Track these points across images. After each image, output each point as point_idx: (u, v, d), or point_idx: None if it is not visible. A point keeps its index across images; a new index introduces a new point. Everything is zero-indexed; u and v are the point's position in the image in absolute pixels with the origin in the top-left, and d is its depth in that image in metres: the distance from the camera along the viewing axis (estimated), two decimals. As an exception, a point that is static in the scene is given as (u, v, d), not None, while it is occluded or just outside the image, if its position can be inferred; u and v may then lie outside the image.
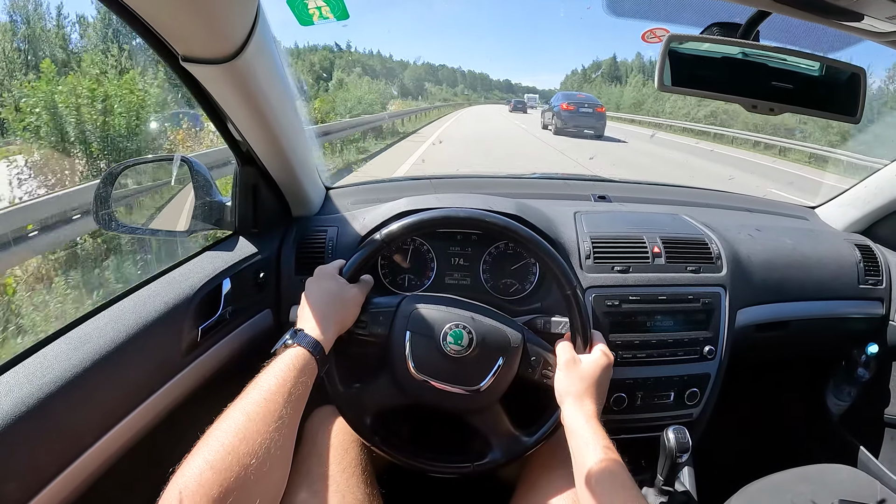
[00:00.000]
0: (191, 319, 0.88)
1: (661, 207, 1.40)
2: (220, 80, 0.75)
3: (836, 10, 0.63)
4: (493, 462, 0.89)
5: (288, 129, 0.93)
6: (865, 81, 0.80)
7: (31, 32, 17.83)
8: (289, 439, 0.67)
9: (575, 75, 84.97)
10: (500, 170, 7.40)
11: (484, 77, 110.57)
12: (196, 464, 0.57)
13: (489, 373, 0.85)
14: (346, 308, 0.85)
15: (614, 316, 1.06)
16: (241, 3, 0.64)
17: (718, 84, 0.80)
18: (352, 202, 1.26)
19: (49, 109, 5.16)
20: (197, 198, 1.02)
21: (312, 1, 0.73)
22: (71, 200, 3.96)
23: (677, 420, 1.08)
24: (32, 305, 3.32)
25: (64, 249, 3.90)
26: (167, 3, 0.59)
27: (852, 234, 1.44)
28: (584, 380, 0.85)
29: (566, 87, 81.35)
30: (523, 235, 0.89)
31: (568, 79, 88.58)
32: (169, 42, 0.68)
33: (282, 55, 0.83)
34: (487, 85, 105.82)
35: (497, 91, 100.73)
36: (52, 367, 0.68)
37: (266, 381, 0.68)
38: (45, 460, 0.65)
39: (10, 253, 3.43)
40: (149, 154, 5.23)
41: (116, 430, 0.74)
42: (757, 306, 1.20)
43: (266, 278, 1.07)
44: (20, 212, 3.69)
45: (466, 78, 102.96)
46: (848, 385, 1.42)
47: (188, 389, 0.88)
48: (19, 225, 3.56)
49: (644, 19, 0.89)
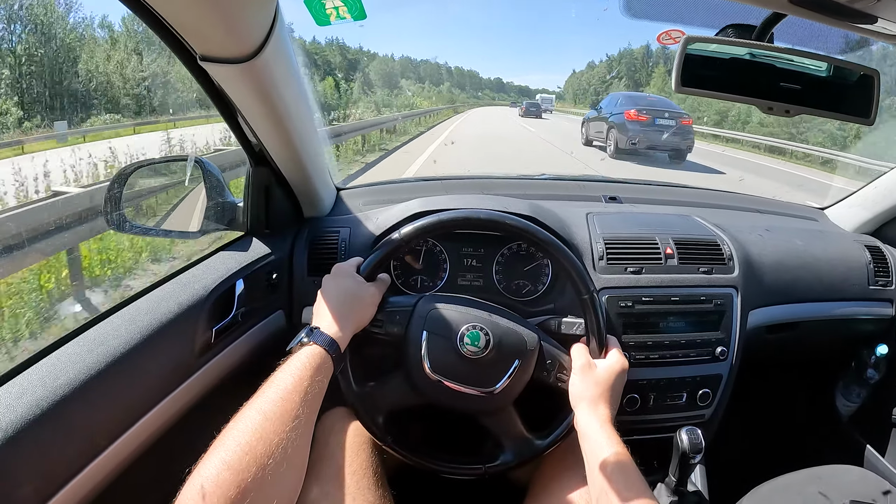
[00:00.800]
0: (205, 320, 0.88)
1: (672, 208, 1.40)
2: (238, 80, 0.74)
3: (850, 12, 0.63)
4: (505, 464, 0.89)
5: (302, 130, 0.93)
6: (879, 83, 0.80)
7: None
8: (305, 439, 0.66)
9: (576, 76, 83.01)
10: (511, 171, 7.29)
11: (473, 75, 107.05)
12: (213, 464, 0.57)
13: (505, 375, 0.85)
14: (363, 306, 0.85)
15: (627, 317, 1.06)
16: (261, 3, 0.64)
17: (735, 86, 0.80)
18: (363, 203, 1.26)
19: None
20: (209, 198, 1.02)
21: (330, 1, 0.72)
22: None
23: (690, 421, 1.08)
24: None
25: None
26: (188, 2, 0.59)
27: (862, 236, 1.43)
28: (600, 384, 0.85)
29: (571, 87, 79.58)
30: (541, 237, 0.89)
31: (570, 80, 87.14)
32: (188, 41, 0.68)
33: (298, 55, 0.83)
34: (477, 84, 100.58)
35: (488, 90, 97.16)
36: (67, 369, 0.67)
37: (282, 380, 0.67)
38: (60, 463, 0.64)
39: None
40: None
41: (131, 431, 0.74)
42: (768, 307, 1.20)
43: (279, 279, 1.07)
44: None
45: (453, 75, 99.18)
46: (857, 386, 1.42)
47: (202, 391, 0.88)
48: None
49: (659, 20, 0.88)
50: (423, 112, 21.15)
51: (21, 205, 3.60)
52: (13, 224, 2.80)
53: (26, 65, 12.77)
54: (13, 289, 3.00)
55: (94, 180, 5.46)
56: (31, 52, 13.24)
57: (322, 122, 7.86)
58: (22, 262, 2.91)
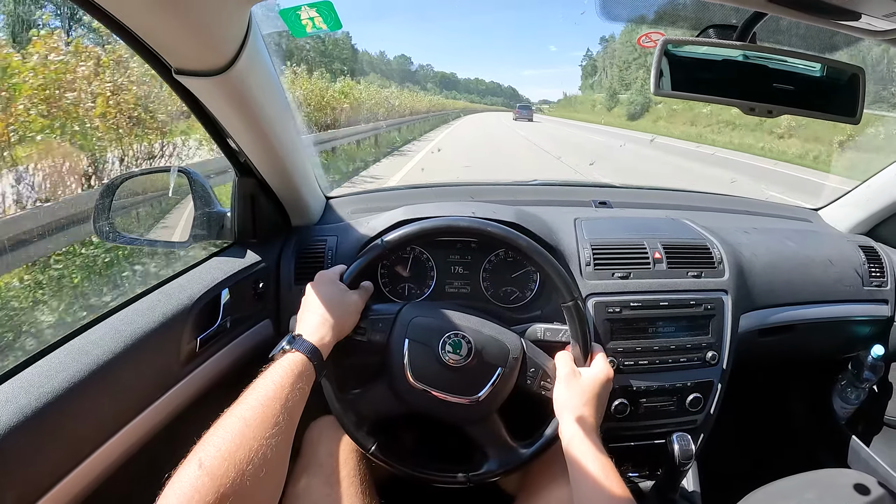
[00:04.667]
0: (189, 330, 0.88)
1: (662, 212, 1.39)
2: (214, 93, 0.75)
3: (832, 9, 0.62)
4: (490, 473, 0.88)
5: (284, 140, 0.93)
6: (865, 82, 0.79)
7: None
8: (285, 445, 0.66)
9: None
10: (501, 177, 7.33)
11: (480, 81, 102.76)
12: (192, 469, 0.57)
13: (488, 383, 0.85)
14: (345, 314, 0.85)
15: (615, 323, 1.05)
16: (232, 16, 0.64)
17: (715, 87, 0.79)
18: (351, 211, 1.26)
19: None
20: (196, 208, 1.03)
21: (305, 12, 0.73)
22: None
23: (681, 427, 1.07)
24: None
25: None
26: (157, 18, 0.59)
27: (856, 236, 1.42)
28: (584, 393, 0.84)
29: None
30: (523, 245, 0.89)
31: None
32: (161, 55, 0.68)
33: (276, 66, 0.84)
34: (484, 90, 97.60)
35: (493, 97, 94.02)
36: (51, 378, 0.68)
37: (263, 387, 0.68)
38: (42, 470, 0.65)
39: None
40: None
41: (114, 440, 0.74)
42: (760, 310, 1.19)
43: (265, 288, 1.07)
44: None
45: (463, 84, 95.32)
46: (854, 388, 1.40)
47: (187, 400, 0.88)
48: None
49: (639, 23, 0.88)
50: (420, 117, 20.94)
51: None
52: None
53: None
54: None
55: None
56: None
57: (307, 130, 7.71)
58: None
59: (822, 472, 1.12)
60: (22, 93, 4.06)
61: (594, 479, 0.73)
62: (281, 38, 1.37)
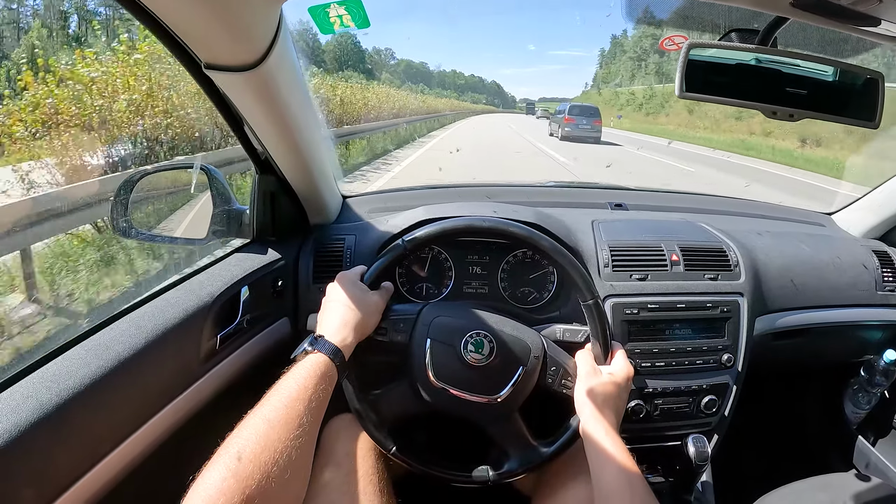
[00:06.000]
0: (210, 327, 0.88)
1: (678, 215, 1.39)
2: (243, 88, 0.75)
3: (853, 14, 0.63)
4: (510, 472, 0.88)
5: (307, 138, 0.93)
6: (884, 86, 0.80)
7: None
8: (309, 446, 0.66)
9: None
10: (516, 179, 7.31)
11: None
12: (217, 471, 0.56)
13: (509, 382, 0.85)
14: (367, 314, 0.85)
15: (633, 324, 1.05)
16: (265, 11, 0.64)
17: (738, 91, 0.80)
18: (369, 210, 1.26)
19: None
20: (215, 206, 1.03)
21: (334, 10, 0.73)
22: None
23: (695, 429, 1.07)
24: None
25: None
26: (192, 11, 0.59)
27: (870, 241, 1.42)
28: (605, 391, 0.84)
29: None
30: (544, 244, 0.89)
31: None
32: (192, 49, 0.68)
33: (302, 63, 0.84)
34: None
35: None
36: (72, 373, 0.68)
37: (286, 388, 0.68)
38: (62, 467, 0.65)
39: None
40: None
41: (135, 437, 0.74)
42: (775, 314, 1.19)
43: (284, 286, 1.07)
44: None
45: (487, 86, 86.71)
46: (866, 393, 1.40)
47: (206, 397, 0.88)
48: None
49: (661, 26, 0.89)
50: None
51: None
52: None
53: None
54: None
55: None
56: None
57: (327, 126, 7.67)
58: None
59: (833, 476, 1.12)
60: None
61: (616, 473, 0.73)
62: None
